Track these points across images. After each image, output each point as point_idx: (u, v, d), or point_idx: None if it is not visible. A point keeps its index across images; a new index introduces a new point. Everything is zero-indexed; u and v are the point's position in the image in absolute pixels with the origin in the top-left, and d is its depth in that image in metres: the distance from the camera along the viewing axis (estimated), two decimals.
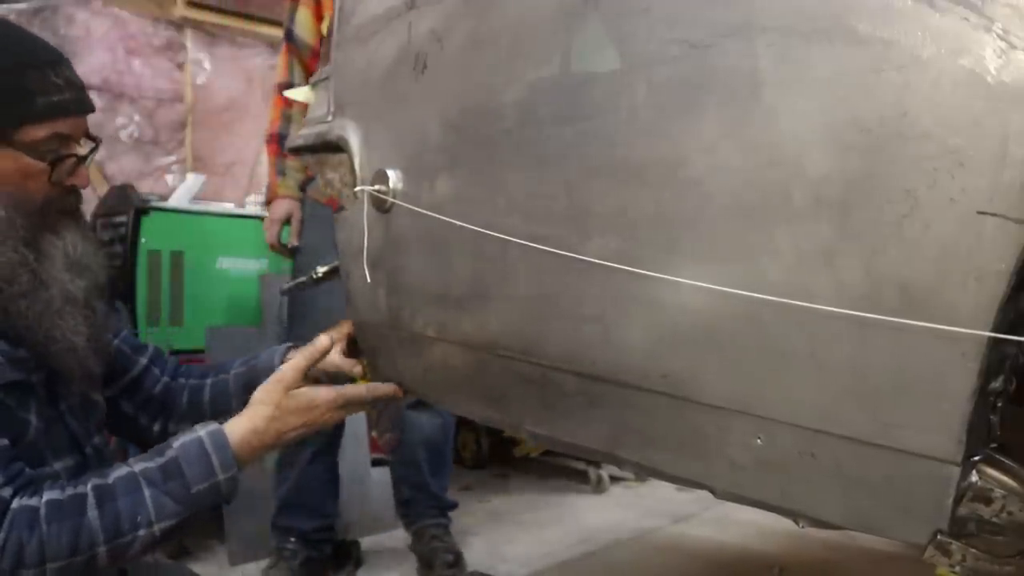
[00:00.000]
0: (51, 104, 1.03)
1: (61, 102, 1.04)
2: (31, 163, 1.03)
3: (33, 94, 1.02)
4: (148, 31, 3.74)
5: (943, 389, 0.60)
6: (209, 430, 1.07)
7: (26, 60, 1.03)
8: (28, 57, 1.04)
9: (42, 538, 0.94)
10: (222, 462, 1.06)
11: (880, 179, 0.61)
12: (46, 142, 1.03)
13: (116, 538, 0.98)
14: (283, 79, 2.27)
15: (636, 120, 0.79)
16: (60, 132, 1.05)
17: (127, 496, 1.00)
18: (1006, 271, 0.55)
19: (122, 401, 1.29)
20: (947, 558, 0.64)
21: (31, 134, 1.02)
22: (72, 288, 1.07)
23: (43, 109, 1.02)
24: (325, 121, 1.32)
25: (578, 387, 0.91)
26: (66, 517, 0.96)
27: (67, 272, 1.07)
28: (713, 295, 0.72)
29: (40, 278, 1.04)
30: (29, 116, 1.02)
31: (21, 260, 1.02)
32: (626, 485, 3.28)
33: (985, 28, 0.55)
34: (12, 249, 1.01)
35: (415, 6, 1.10)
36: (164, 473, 1.02)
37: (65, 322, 1.05)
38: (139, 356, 1.31)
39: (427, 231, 1.09)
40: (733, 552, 2.54)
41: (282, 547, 2.18)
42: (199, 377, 1.34)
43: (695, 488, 0.83)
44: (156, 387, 1.32)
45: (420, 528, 2.35)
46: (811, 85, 0.64)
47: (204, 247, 2.80)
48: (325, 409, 1.16)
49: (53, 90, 1.03)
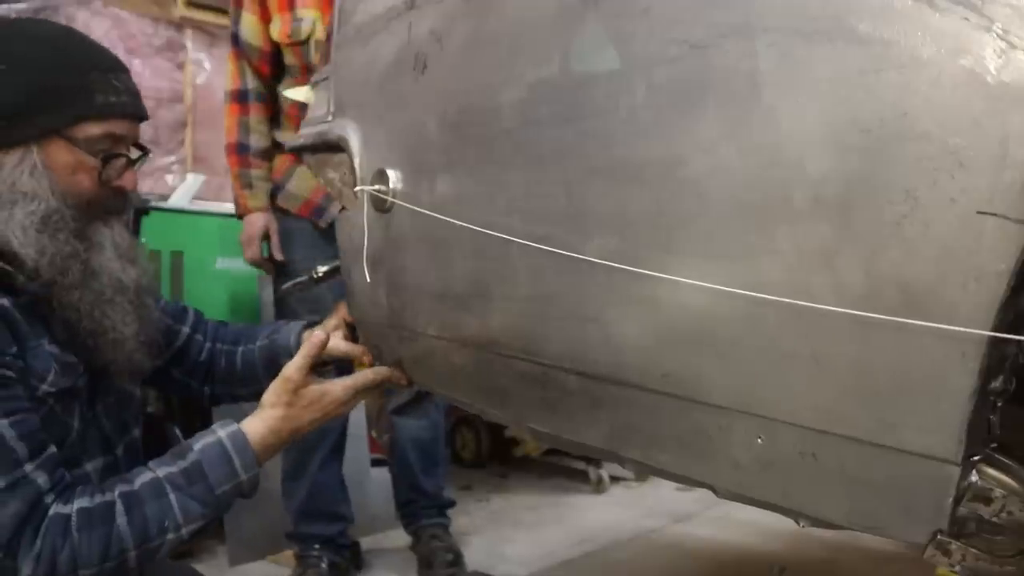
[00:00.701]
0: (108, 104, 1.07)
1: (118, 103, 1.09)
2: (84, 158, 1.06)
3: (93, 93, 1.06)
4: (148, 31, 3.74)
5: (943, 389, 0.60)
6: (229, 431, 1.09)
7: (91, 62, 1.08)
8: (92, 59, 1.09)
9: (74, 546, 0.96)
10: (244, 463, 1.08)
11: (880, 179, 0.61)
12: (100, 140, 1.07)
13: (145, 543, 1.01)
14: (235, 86, 2.21)
15: (636, 120, 0.79)
16: (114, 132, 1.08)
17: (154, 502, 1.02)
18: (1006, 271, 0.55)
19: (172, 369, 1.33)
20: (947, 558, 0.64)
21: (87, 131, 1.06)
22: (123, 277, 1.10)
23: (101, 108, 1.06)
24: (325, 121, 1.32)
25: (579, 386, 0.91)
26: (96, 525, 0.98)
27: (118, 261, 1.10)
28: (713, 295, 0.72)
29: (91, 268, 1.07)
30: (87, 113, 1.06)
31: (72, 251, 1.04)
32: (626, 485, 3.28)
33: (985, 28, 0.55)
34: (64, 241, 1.04)
35: (415, 6, 1.11)
36: (188, 477, 1.04)
37: (115, 313, 1.08)
38: (181, 325, 1.35)
39: (427, 231, 1.09)
40: (733, 552, 2.54)
41: (307, 555, 2.18)
42: (232, 343, 1.38)
43: (696, 487, 0.83)
44: (201, 354, 1.35)
45: (418, 528, 2.35)
46: (811, 85, 0.64)
47: (204, 247, 2.80)
48: (336, 402, 1.18)
49: (112, 92, 1.08)
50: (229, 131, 2.22)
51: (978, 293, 0.57)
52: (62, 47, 1.08)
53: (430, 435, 2.36)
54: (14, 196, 1.02)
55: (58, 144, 1.05)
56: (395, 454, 2.39)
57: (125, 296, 1.09)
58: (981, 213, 0.56)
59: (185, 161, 3.86)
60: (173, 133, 3.86)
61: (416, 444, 2.34)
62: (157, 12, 3.75)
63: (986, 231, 0.56)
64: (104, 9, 3.59)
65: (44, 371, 1.02)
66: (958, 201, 0.57)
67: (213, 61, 3.93)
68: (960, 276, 0.57)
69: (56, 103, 1.04)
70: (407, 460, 2.34)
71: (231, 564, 2.33)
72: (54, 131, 1.04)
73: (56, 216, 1.03)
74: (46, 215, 1.02)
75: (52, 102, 1.04)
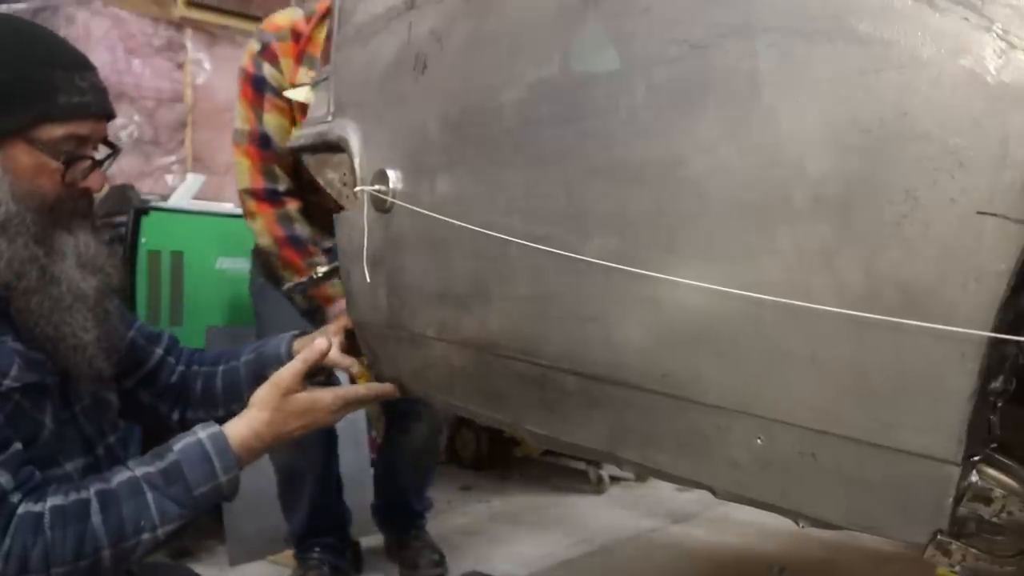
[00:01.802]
0: (72, 105, 1.04)
1: (82, 104, 1.05)
2: (46, 160, 1.03)
3: (56, 92, 1.03)
4: (148, 31, 3.74)
5: (943, 389, 0.60)
6: (209, 432, 1.08)
7: (53, 60, 1.05)
8: (55, 58, 1.05)
9: (47, 544, 0.94)
10: (223, 465, 1.06)
11: (880, 179, 0.61)
12: (63, 141, 1.04)
13: (120, 542, 0.99)
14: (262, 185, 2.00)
15: (636, 120, 0.79)
16: (78, 133, 1.05)
17: (131, 500, 1.00)
18: (1006, 271, 0.55)
19: (140, 392, 1.30)
20: (947, 558, 0.64)
21: (49, 132, 1.03)
22: (83, 286, 1.07)
23: (63, 109, 1.03)
24: (325, 121, 1.32)
25: (578, 387, 0.91)
26: (70, 523, 0.96)
27: (78, 270, 1.08)
28: (713, 295, 0.72)
29: (50, 274, 1.04)
30: (49, 114, 1.03)
31: (31, 256, 1.02)
32: (626, 485, 3.28)
33: (985, 28, 0.55)
34: (23, 245, 1.02)
35: (415, 6, 1.10)
36: (166, 477, 1.03)
37: (74, 319, 1.06)
38: (154, 347, 1.32)
39: (427, 231, 1.09)
40: (733, 552, 2.54)
41: (307, 556, 2.17)
42: (211, 364, 1.35)
43: (695, 488, 0.83)
44: (172, 377, 1.33)
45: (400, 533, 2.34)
46: (811, 85, 0.64)
47: (204, 247, 2.80)
48: (324, 412, 1.16)
49: (75, 92, 1.05)
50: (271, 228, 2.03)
51: (978, 293, 0.57)
52: (24, 44, 1.05)
53: (426, 447, 2.32)
54: None
55: (19, 146, 1.02)
56: (385, 461, 2.37)
57: (85, 304, 1.07)
58: (981, 213, 0.56)
59: (185, 161, 3.86)
60: (173, 133, 3.86)
61: (412, 457, 2.30)
62: (157, 12, 3.75)
63: (986, 231, 0.56)
64: (104, 9, 3.59)
65: (6, 366, 0.99)
66: (958, 201, 0.57)
67: (213, 61, 3.93)
68: (960, 276, 0.57)
69: (16, 104, 1.01)
70: (396, 471, 2.31)
71: (231, 564, 2.32)
72: (14, 133, 1.02)
73: (16, 220, 1.01)
74: (5, 219, 1.00)
75: (12, 103, 1.01)
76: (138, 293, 2.64)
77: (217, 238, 2.83)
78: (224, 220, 2.85)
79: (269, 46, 1.98)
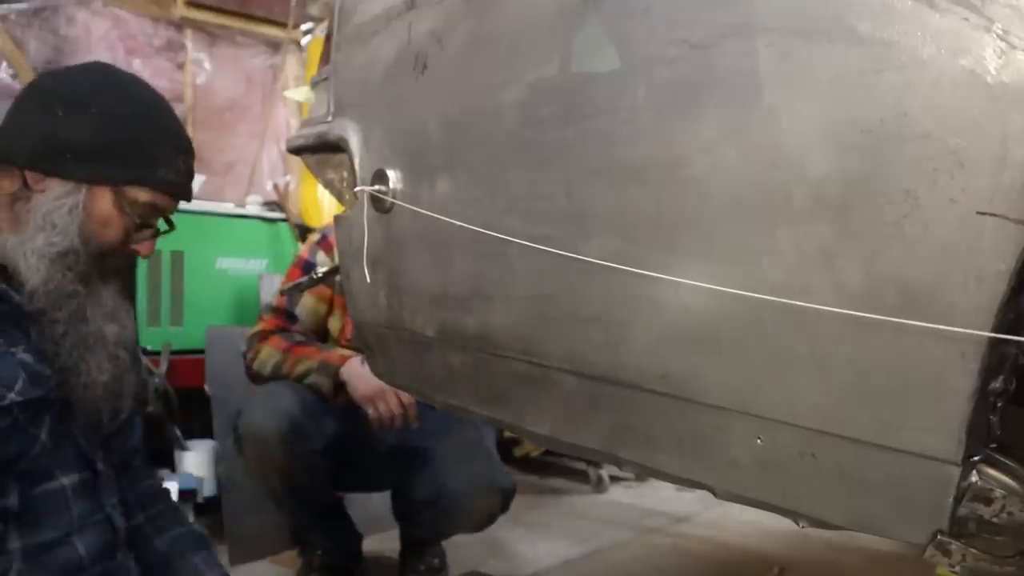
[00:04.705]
0: (166, 180, 1.15)
1: (175, 183, 1.17)
2: (121, 216, 1.13)
3: (157, 164, 1.13)
4: (148, 31, 3.74)
5: (943, 389, 0.60)
6: None
7: (167, 137, 1.16)
8: (168, 135, 1.17)
9: None
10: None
11: (880, 179, 0.61)
12: (143, 206, 1.14)
13: None
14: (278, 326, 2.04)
15: (636, 120, 0.79)
16: (158, 204, 1.16)
17: None
18: (1006, 271, 0.55)
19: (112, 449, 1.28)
20: (947, 558, 0.64)
21: (136, 194, 1.13)
22: (106, 331, 1.14)
23: (158, 180, 1.14)
24: (325, 121, 1.32)
25: (578, 387, 0.91)
26: None
27: (104, 317, 1.15)
28: (713, 295, 0.72)
29: (83, 313, 1.11)
30: (145, 180, 1.13)
31: (73, 292, 1.09)
32: (626, 485, 3.28)
33: (985, 28, 0.55)
34: (70, 280, 1.09)
35: (415, 6, 1.10)
36: None
37: (92, 359, 1.11)
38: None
39: (427, 231, 1.09)
40: (733, 552, 2.54)
41: (309, 557, 2.17)
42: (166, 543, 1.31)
43: (695, 488, 0.83)
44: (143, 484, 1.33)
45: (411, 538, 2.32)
46: (811, 85, 0.64)
47: (204, 247, 2.80)
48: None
49: (173, 170, 1.16)
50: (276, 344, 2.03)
51: (978, 293, 0.57)
52: (150, 115, 1.15)
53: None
54: (43, 223, 1.07)
55: (105, 194, 1.11)
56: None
57: (104, 347, 1.13)
58: (981, 213, 0.56)
59: None
60: None
61: None
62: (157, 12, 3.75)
63: (986, 231, 0.56)
64: (104, 9, 3.58)
65: (11, 379, 1.03)
66: (958, 201, 0.57)
67: (213, 61, 3.93)
68: (960, 276, 0.57)
69: (122, 159, 1.11)
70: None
71: (232, 564, 2.32)
72: (108, 182, 1.10)
73: (72, 256, 1.09)
74: (64, 251, 1.08)
75: (119, 157, 1.10)
76: (138, 293, 2.64)
77: (217, 238, 2.83)
78: (224, 220, 2.86)
79: (327, 238, 2.11)
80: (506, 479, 2.04)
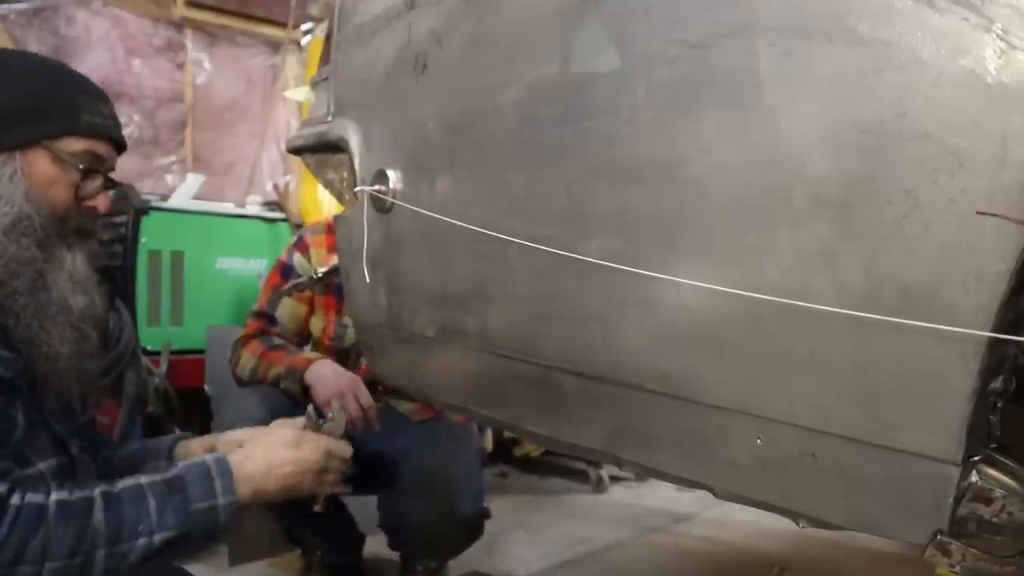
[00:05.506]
0: (93, 124, 1.13)
1: (102, 125, 1.15)
2: (63, 171, 1.11)
3: (79, 111, 1.12)
4: (148, 31, 3.74)
5: (943, 389, 0.60)
6: (215, 456, 1.12)
7: (78, 86, 1.15)
8: (80, 84, 1.16)
9: (47, 537, 0.96)
10: (223, 487, 1.10)
11: (880, 180, 0.61)
12: (81, 156, 1.12)
13: (115, 544, 1.01)
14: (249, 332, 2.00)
15: (636, 120, 0.79)
16: (95, 151, 1.13)
17: (132, 503, 1.03)
18: (1006, 271, 0.55)
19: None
20: (947, 558, 0.64)
21: (70, 145, 1.11)
22: (71, 301, 1.12)
23: (86, 126, 1.12)
24: (325, 121, 1.32)
25: (578, 387, 0.91)
26: (72, 518, 0.98)
27: (69, 285, 1.12)
28: (713, 295, 0.72)
29: (43, 281, 1.08)
30: (73, 129, 1.11)
31: (30, 258, 1.07)
32: (626, 485, 3.28)
33: (985, 28, 0.55)
34: (25, 247, 1.06)
35: (415, 6, 1.10)
36: (169, 486, 1.06)
37: (55, 329, 1.09)
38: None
39: (427, 231, 1.09)
40: (733, 552, 2.54)
41: (309, 558, 2.17)
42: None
43: (695, 488, 0.83)
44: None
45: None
46: (811, 86, 0.64)
47: (204, 247, 2.80)
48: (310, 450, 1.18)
49: (97, 115, 1.14)
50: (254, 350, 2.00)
51: (978, 293, 0.57)
52: (54, 69, 1.16)
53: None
54: None
55: (41, 154, 1.09)
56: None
57: (67, 317, 1.11)
58: (981, 213, 0.56)
59: (185, 161, 3.86)
60: (173, 133, 3.86)
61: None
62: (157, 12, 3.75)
63: (986, 231, 0.56)
64: (104, 9, 3.58)
65: None
66: (958, 201, 0.57)
67: (213, 61, 3.93)
68: (960, 276, 0.57)
69: (44, 115, 1.09)
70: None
71: (231, 564, 2.32)
72: (38, 141, 1.09)
73: (25, 223, 1.06)
74: (16, 219, 1.06)
75: (40, 114, 1.09)
76: (138, 293, 2.64)
77: (217, 238, 2.83)
78: (224, 220, 2.86)
79: (303, 239, 2.09)
80: (471, 507, 1.94)
